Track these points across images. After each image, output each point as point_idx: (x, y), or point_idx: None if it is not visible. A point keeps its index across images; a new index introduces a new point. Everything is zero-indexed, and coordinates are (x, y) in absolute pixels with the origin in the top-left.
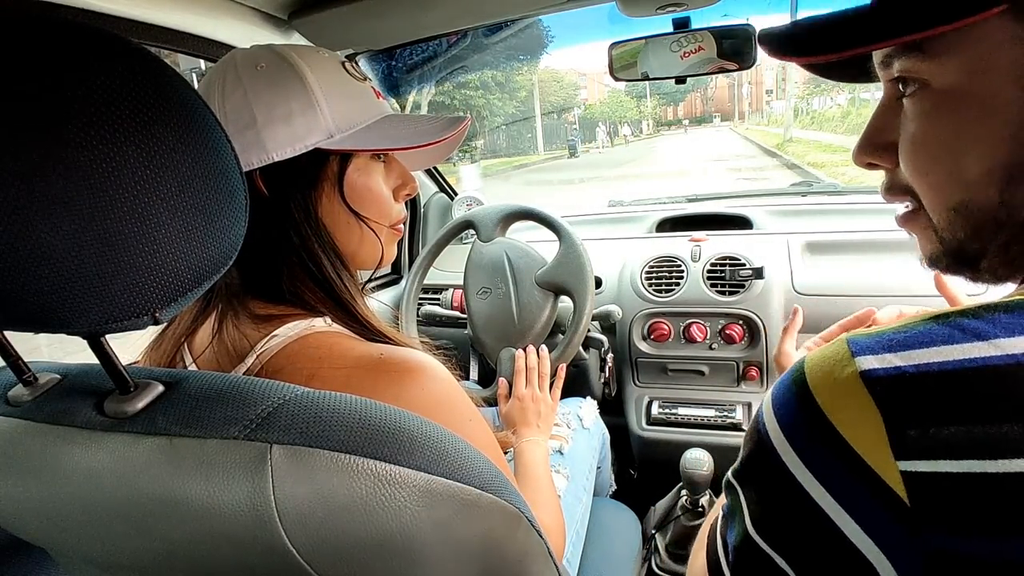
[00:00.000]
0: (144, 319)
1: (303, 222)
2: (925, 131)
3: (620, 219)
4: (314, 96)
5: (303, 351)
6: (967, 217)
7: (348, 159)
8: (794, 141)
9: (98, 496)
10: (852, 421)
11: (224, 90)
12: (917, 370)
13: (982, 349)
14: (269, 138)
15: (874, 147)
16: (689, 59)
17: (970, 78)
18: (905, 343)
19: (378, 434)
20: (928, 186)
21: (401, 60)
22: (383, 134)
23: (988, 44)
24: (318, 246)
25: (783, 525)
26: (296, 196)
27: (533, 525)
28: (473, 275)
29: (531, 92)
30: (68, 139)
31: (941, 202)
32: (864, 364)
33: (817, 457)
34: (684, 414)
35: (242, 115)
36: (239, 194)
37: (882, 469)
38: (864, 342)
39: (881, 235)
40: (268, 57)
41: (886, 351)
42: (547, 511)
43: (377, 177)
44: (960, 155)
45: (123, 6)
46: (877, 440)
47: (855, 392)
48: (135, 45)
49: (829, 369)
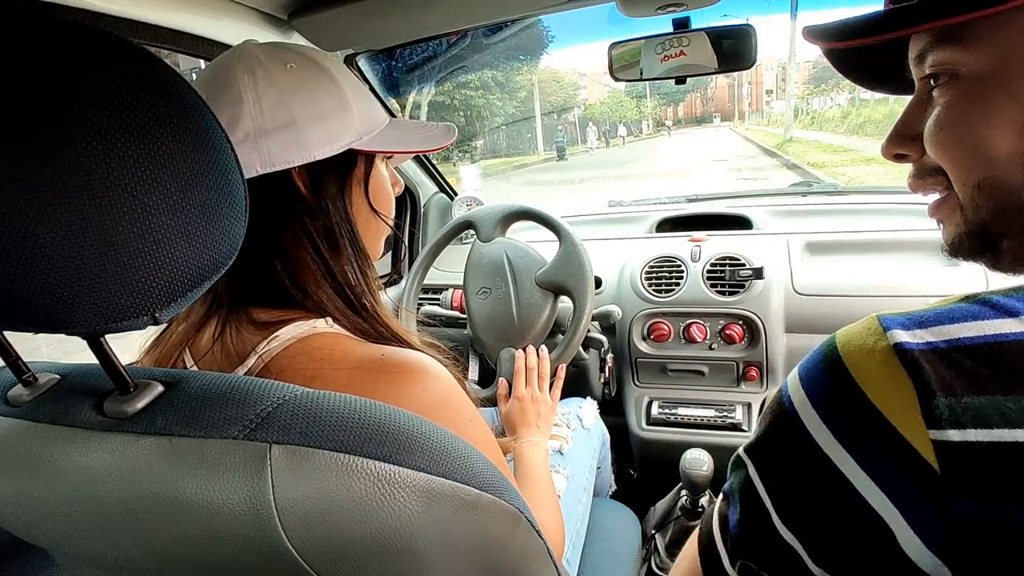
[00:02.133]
0: (144, 319)
1: (339, 219)
2: (952, 113)
3: (620, 219)
4: (345, 97)
5: (305, 352)
6: (991, 195)
7: (371, 159)
8: (794, 141)
9: (98, 496)
10: (886, 391)
11: (256, 86)
12: (948, 344)
13: (1012, 325)
14: (308, 137)
15: (903, 139)
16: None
17: (1001, 64)
18: (937, 319)
19: (378, 434)
20: (953, 161)
21: (401, 60)
22: (400, 136)
23: (1019, 30)
24: (349, 243)
25: (802, 497)
26: (334, 194)
27: (533, 525)
28: (473, 275)
29: (531, 92)
30: (68, 139)
31: (967, 178)
32: (897, 337)
33: (846, 426)
34: (684, 414)
35: (279, 113)
36: (239, 194)
37: (914, 438)
38: (896, 319)
39: (881, 235)
40: (294, 57)
41: (917, 327)
42: (547, 511)
43: (386, 176)
44: (986, 134)
45: (123, 6)
46: (910, 409)
47: (889, 364)
48: (135, 45)
49: (861, 342)
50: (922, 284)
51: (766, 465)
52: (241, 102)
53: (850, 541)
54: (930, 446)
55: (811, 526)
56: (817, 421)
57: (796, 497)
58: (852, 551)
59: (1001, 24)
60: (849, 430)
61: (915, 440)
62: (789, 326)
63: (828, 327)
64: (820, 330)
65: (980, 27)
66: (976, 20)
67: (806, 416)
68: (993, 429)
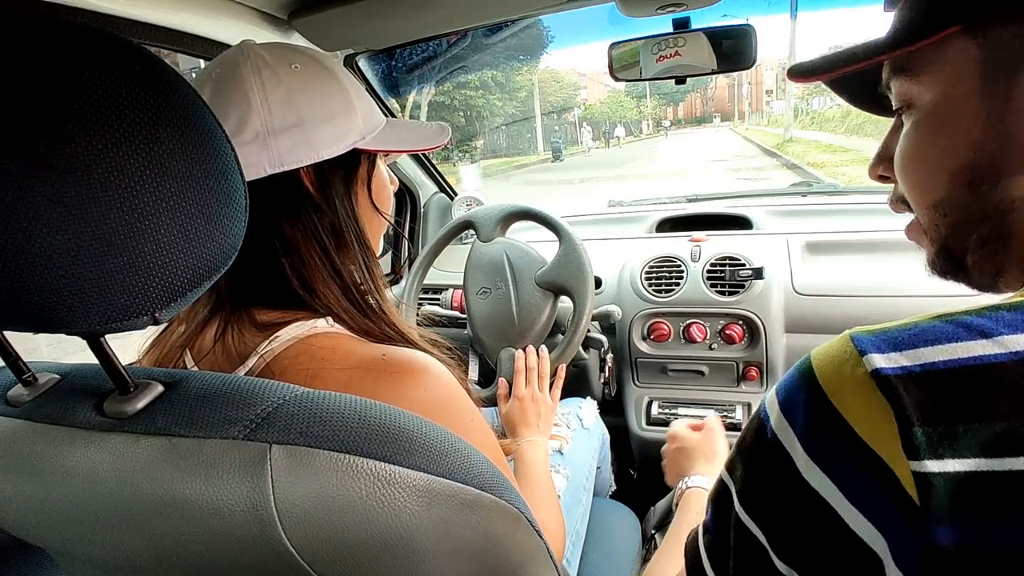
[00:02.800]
0: (144, 319)
1: (349, 219)
2: (908, 142)
3: (620, 219)
4: (350, 98)
5: (306, 352)
6: (945, 214)
7: (374, 159)
8: (794, 141)
9: (98, 496)
10: (868, 420)
11: (264, 87)
12: (923, 369)
13: (987, 347)
14: (317, 137)
15: (882, 161)
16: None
17: (942, 94)
18: (911, 341)
19: (378, 434)
20: (910, 188)
21: (401, 60)
22: (399, 136)
23: (952, 62)
24: (355, 241)
25: (770, 504)
26: (341, 193)
27: (533, 525)
28: (473, 275)
29: (531, 92)
30: (68, 139)
31: (923, 201)
32: (874, 363)
33: (824, 449)
34: (684, 414)
35: (287, 113)
36: (239, 194)
37: (895, 465)
38: (870, 340)
39: (881, 235)
40: (298, 58)
41: (892, 350)
42: (547, 511)
43: (386, 175)
44: (934, 159)
45: (123, 6)
46: (892, 438)
47: (868, 391)
48: (135, 45)
49: (839, 367)
50: (922, 284)
51: (739, 479)
52: (249, 102)
53: (841, 569)
54: (911, 477)
55: (781, 535)
56: (800, 450)
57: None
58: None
59: (937, 58)
60: (827, 453)
61: (896, 468)
62: (789, 326)
63: (828, 327)
64: (820, 330)
65: (922, 60)
66: (918, 54)
67: (789, 443)
68: (970, 459)
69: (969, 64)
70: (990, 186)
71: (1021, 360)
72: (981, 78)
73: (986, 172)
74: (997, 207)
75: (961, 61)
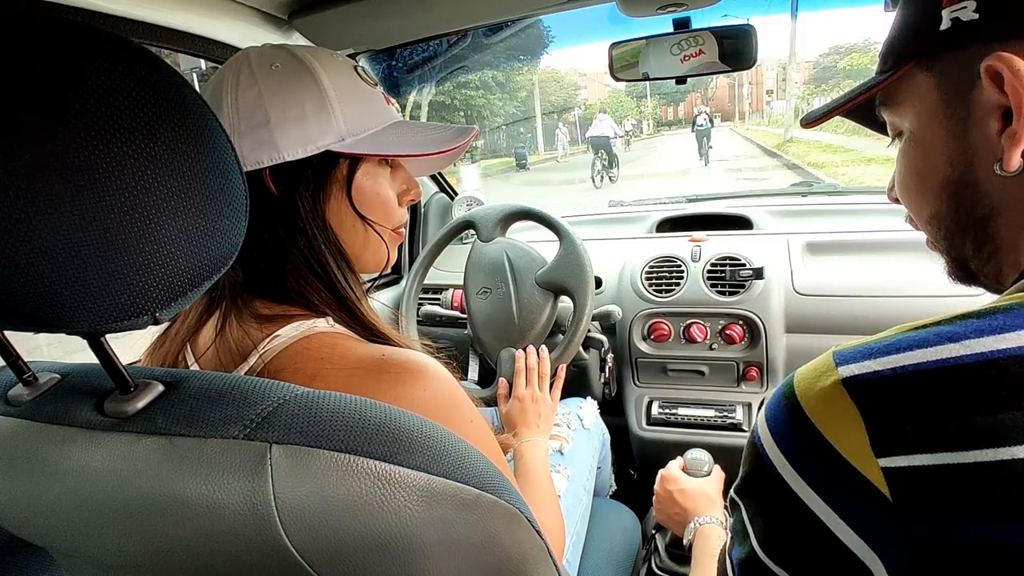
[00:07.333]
0: (144, 319)
1: (310, 222)
2: (900, 165)
3: (620, 219)
4: (328, 99)
5: (306, 351)
6: (939, 227)
7: (357, 163)
8: (794, 141)
9: (98, 496)
10: (837, 426)
11: (238, 88)
12: (893, 372)
13: (953, 350)
14: (281, 137)
15: (894, 185)
16: (690, 62)
17: (917, 119)
18: (884, 350)
19: (378, 434)
20: (908, 206)
21: (401, 60)
22: (393, 140)
23: (918, 91)
24: (324, 247)
25: (784, 537)
26: (305, 196)
27: (533, 525)
28: (473, 275)
29: (531, 92)
30: (68, 139)
31: (920, 217)
32: (846, 372)
33: (809, 465)
34: (684, 414)
35: (255, 113)
36: (239, 194)
37: (866, 469)
38: (848, 353)
39: (881, 235)
40: (283, 57)
41: (867, 359)
42: (547, 511)
43: (383, 181)
44: (921, 178)
45: (123, 6)
46: (860, 441)
47: (838, 398)
48: (135, 45)
49: (814, 380)
50: (922, 284)
51: (751, 507)
52: (220, 104)
53: None
54: (881, 474)
55: (799, 566)
56: (785, 464)
57: (780, 538)
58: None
59: (906, 92)
60: (812, 469)
61: (867, 471)
62: (789, 326)
63: (828, 327)
64: (820, 330)
65: (899, 92)
66: (894, 88)
67: (775, 458)
68: (938, 452)
69: (931, 91)
70: (970, 195)
71: (985, 360)
72: (944, 101)
73: (964, 183)
74: (979, 214)
75: (924, 89)
